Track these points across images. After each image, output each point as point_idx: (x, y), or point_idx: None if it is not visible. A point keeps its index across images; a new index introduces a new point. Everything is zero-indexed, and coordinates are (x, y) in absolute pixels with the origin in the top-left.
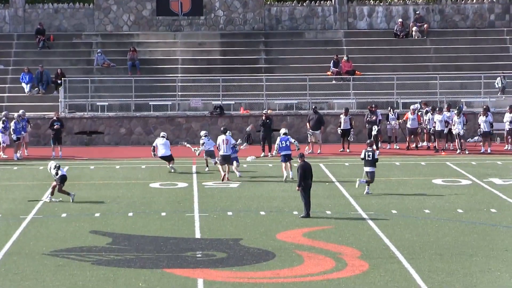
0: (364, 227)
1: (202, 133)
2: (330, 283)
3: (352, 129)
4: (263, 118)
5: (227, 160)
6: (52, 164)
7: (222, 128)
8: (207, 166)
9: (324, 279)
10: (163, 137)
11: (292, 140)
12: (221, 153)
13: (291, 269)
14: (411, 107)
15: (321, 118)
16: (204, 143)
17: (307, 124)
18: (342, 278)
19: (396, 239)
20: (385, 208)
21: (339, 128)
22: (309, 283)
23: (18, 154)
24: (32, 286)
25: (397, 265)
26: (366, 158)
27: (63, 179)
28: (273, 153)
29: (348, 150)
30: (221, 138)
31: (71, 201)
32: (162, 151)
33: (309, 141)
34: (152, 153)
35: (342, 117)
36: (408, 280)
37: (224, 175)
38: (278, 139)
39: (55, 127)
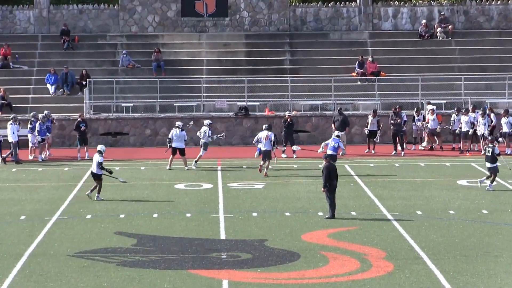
0: (389, 228)
1: (206, 122)
2: (355, 284)
3: (379, 131)
4: (287, 119)
5: (266, 155)
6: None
7: (264, 126)
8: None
9: (349, 280)
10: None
11: (342, 145)
12: (262, 148)
13: (316, 270)
14: (428, 107)
15: (346, 119)
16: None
17: (332, 125)
18: (367, 279)
19: (421, 240)
20: (410, 209)
21: (366, 128)
22: (334, 284)
23: (43, 155)
24: (56, 287)
25: (422, 266)
26: (486, 154)
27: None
28: (319, 151)
29: (373, 151)
30: (263, 134)
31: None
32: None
33: None
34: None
35: (370, 118)
36: (433, 281)
37: (264, 168)
38: (332, 138)
39: (82, 128)
